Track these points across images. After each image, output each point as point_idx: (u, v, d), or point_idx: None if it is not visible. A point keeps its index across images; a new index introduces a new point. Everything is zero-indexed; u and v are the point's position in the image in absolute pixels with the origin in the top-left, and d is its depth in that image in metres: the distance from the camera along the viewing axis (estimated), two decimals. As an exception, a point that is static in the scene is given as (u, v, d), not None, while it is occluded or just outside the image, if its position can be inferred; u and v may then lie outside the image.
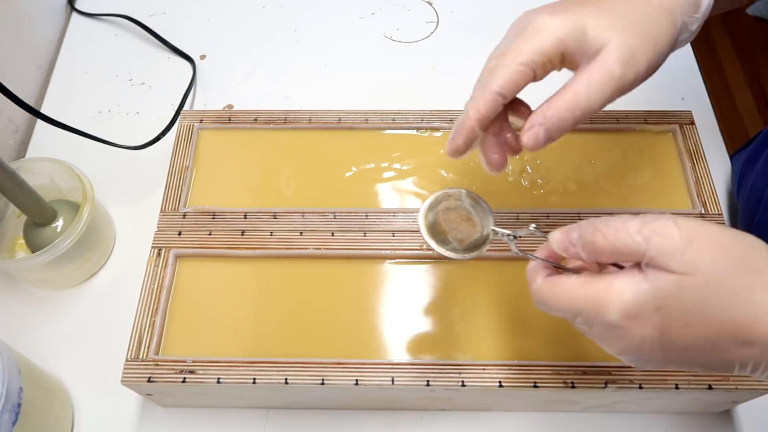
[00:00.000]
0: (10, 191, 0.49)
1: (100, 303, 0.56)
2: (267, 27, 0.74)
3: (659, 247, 0.31)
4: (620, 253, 0.32)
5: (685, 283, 0.30)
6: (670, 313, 0.31)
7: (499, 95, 0.36)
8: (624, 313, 0.31)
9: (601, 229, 0.33)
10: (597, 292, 0.32)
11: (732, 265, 0.30)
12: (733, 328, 0.30)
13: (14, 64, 0.67)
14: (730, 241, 0.31)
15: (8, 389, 0.40)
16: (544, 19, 0.36)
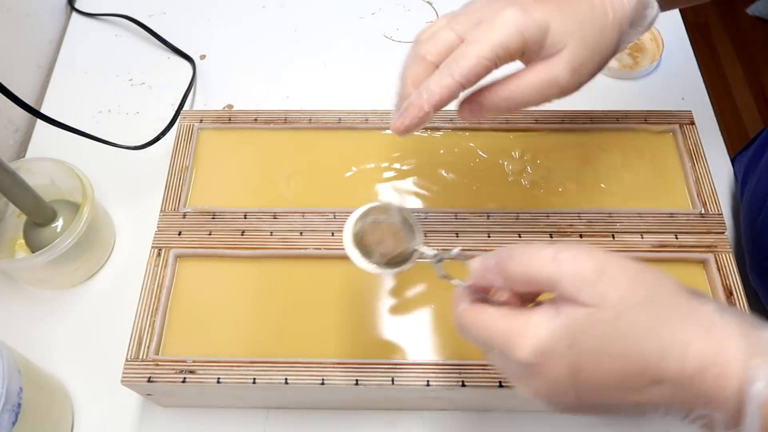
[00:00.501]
0: (10, 191, 0.49)
1: (100, 303, 0.56)
2: (267, 27, 0.74)
3: (571, 277, 0.30)
4: (534, 281, 0.31)
5: (595, 316, 0.30)
6: (582, 349, 0.30)
7: (461, 85, 0.35)
8: (536, 349, 0.30)
9: (516, 255, 0.32)
10: (512, 326, 0.31)
11: (641, 299, 0.30)
12: (642, 366, 0.29)
13: (14, 64, 0.67)
14: (641, 275, 0.31)
15: (8, 389, 0.40)
16: (513, 13, 0.35)
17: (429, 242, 0.49)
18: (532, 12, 0.35)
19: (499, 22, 0.35)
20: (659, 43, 0.70)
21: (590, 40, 0.36)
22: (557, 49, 0.36)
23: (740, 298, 0.46)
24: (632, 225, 0.50)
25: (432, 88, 0.35)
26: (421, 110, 0.35)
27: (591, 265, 0.30)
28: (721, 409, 0.28)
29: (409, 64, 0.37)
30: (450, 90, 0.35)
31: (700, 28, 1.77)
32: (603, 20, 0.37)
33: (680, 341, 0.28)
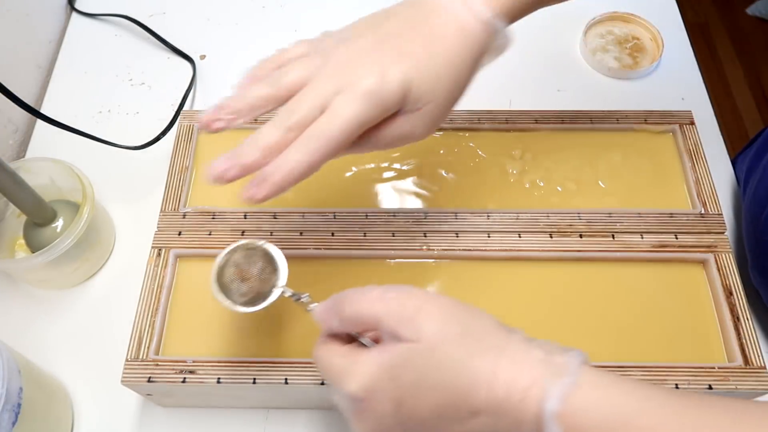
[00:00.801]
0: (10, 191, 0.49)
1: (100, 303, 0.56)
2: (267, 27, 0.74)
3: (391, 314, 0.32)
4: (362, 320, 0.33)
5: (413, 350, 0.31)
6: (403, 383, 0.31)
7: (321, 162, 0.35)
8: (362, 385, 0.32)
9: (347, 297, 0.34)
10: (346, 363, 0.33)
11: (455, 333, 0.31)
12: (459, 397, 0.30)
13: (14, 64, 0.67)
14: (457, 311, 0.32)
15: (8, 389, 0.40)
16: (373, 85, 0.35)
17: (429, 242, 0.49)
18: (392, 75, 0.35)
19: (362, 96, 0.34)
20: (659, 43, 0.70)
21: (448, 93, 0.37)
22: (417, 107, 0.36)
23: (740, 298, 0.46)
24: (632, 225, 0.50)
25: (291, 162, 0.34)
26: (280, 188, 0.35)
27: (410, 302, 0.32)
28: None
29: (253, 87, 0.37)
30: (310, 166, 0.35)
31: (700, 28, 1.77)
32: (459, 69, 0.37)
33: (489, 371, 0.30)
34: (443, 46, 0.36)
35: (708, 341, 0.46)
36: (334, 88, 0.35)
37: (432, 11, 0.37)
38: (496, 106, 0.57)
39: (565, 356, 0.31)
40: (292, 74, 0.37)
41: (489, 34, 0.37)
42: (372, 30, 0.37)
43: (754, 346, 0.44)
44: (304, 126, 0.35)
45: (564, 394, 0.29)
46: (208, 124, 0.36)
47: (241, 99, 0.36)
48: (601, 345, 0.46)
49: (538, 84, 0.68)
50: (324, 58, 0.37)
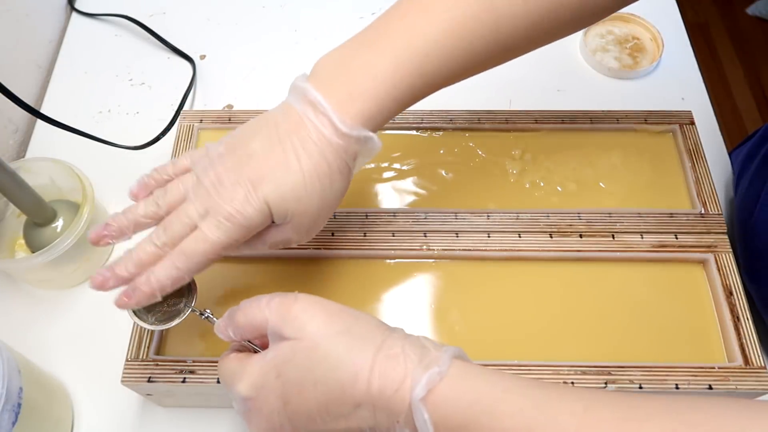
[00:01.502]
0: (10, 191, 0.49)
1: (100, 303, 0.56)
2: (267, 27, 0.74)
3: (276, 315, 0.34)
4: (253, 326, 0.35)
5: (297, 347, 0.33)
6: (288, 379, 0.33)
7: (187, 277, 0.38)
8: (250, 384, 0.34)
9: (241, 306, 0.36)
10: (238, 366, 0.35)
11: (337, 331, 0.33)
12: (341, 391, 0.32)
13: (14, 64, 0.67)
14: (340, 312, 0.35)
15: (8, 389, 0.40)
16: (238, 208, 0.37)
17: (429, 242, 0.49)
18: (252, 199, 0.37)
19: (225, 220, 0.37)
20: (659, 43, 0.70)
21: (316, 205, 0.38)
22: (285, 221, 0.38)
23: (740, 298, 0.46)
24: (632, 225, 0.50)
25: (161, 276, 0.37)
26: (149, 296, 0.37)
27: (294, 305, 0.34)
28: (409, 424, 0.31)
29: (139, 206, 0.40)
30: (177, 281, 0.37)
31: (700, 28, 1.77)
32: (324, 182, 0.38)
33: (367, 367, 0.32)
34: (305, 162, 0.37)
35: (708, 341, 0.46)
36: (201, 210, 0.38)
37: (296, 126, 0.38)
38: (496, 106, 0.57)
39: (439, 351, 0.33)
40: (171, 194, 0.39)
41: (353, 142, 0.38)
42: (239, 148, 0.39)
43: (754, 346, 0.44)
44: (175, 243, 0.38)
45: (431, 383, 0.31)
46: (96, 241, 0.39)
47: (127, 218, 0.40)
48: (600, 345, 0.46)
49: (538, 84, 0.68)
50: (198, 178, 0.39)
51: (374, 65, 0.38)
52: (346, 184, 0.40)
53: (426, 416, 0.31)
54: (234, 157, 0.38)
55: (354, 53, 0.39)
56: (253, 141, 0.39)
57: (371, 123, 0.38)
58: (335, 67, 0.39)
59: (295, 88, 0.39)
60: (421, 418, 0.31)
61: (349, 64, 0.38)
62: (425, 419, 0.31)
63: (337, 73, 0.38)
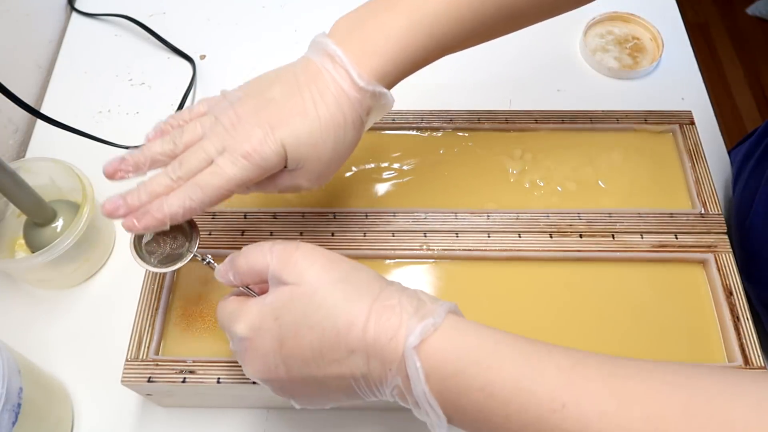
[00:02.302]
0: (10, 191, 0.49)
1: (100, 303, 0.56)
2: (267, 27, 0.74)
3: (277, 261, 0.35)
4: (254, 271, 0.36)
5: (295, 292, 0.34)
6: (285, 322, 0.34)
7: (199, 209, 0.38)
8: (248, 325, 0.35)
9: (242, 252, 0.37)
10: (236, 308, 0.36)
11: (335, 278, 0.34)
12: (336, 336, 0.33)
13: (14, 64, 0.67)
14: (339, 261, 0.36)
15: (8, 389, 0.40)
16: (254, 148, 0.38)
17: (429, 242, 0.49)
18: (269, 140, 0.38)
19: (242, 158, 0.38)
20: (659, 43, 0.70)
21: (329, 154, 0.40)
22: (298, 167, 0.40)
23: (740, 298, 0.46)
24: (632, 225, 0.50)
25: (173, 204, 0.38)
26: (159, 222, 0.38)
27: (295, 252, 0.35)
28: (401, 373, 0.32)
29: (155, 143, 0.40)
30: (189, 211, 0.38)
31: (700, 28, 1.77)
32: (338, 132, 0.39)
33: (364, 314, 0.33)
34: (322, 111, 0.39)
35: (708, 341, 0.46)
36: (218, 147, 0.39)
37: (315, 76, 0.39)
38: (496, 106, 0.57)
39: (434, 304, 0.34)
40: (188, 134, 0.40)
41: (368, 97, 0.40)
42: (259, 94, 0.40)
43: (754, 346, 0.44)
44: (190, 178, 0.39)
45: (424, 332, 0.32)
46: (112, 174, 0.40)
47: (143, 154, 0.40)
48: (601, 345, 0.46)
49: (538, 84, 0.68)
50: (216, 118, 0.40)
51: (389, 25, 0.40)
52: (358, 138, 0.42)
53: (418, 364, 0.31)
54: (253, 101, 0.40)
55: (371, 14, 0.41)
56: (273, 88, 0.40)
57: (385, 80, 0.40)
58: (353, 25, 0.41)
59: (315, 43, 0.41)
60: (413, 366, 0.31)
61: (366, 24, 0.40)
62: (417, 367, 0.31)
63: (354, 31, 0.40)
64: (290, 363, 0.34)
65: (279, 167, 0.39)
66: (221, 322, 0.38)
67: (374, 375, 0.33)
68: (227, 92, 0.41)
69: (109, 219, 0.59)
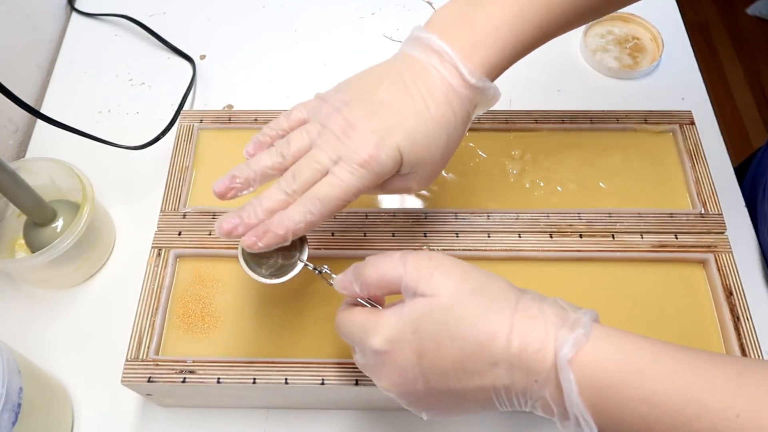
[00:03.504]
0: (10, 191, 0.49)
1: (100, 303, 0.56)
2: (267, 27, 0.74)
3: (411, 273, 0.34)
4: (384, 282, 0.35)
5: (434, 304, 0.33)
6: (424, 335, 0.33)
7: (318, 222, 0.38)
8: (386, 338, 0.34)
9: (369, 263, 0.36)
10: (369, 320, 0.35)
11: (471, 289, 0.34)
12: (478, 348, 0.32)
13: (14, 64, 0.67)
14: (472, 271, 0.35)
15: (8, 389, 0.40)
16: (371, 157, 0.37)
17: (429, 242, 0.49)
18: (385, 147, 0.37)
19: (359, 166, 0.37)
20: (659, 43, 0.70)
21: (440, 155, 0.39)
22: (409, 171, 0.39)
23: (740, 298, 0.46)
24: (632, 225, 0.50)
25: (294, 219, 0.37)
26: (282, 238, 0.37)
27: (429, 263, 0.34)
28: (548, 385, 0.31)
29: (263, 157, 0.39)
30: (310, 225, 0.37)
31: (700, 28, 1.77)
32: (450, 131, 0.39)
33: (506, 324, 0.32)
34: (433, 110, 0.38)
35: (708, 341, 0.46)
36: (333, 157, 0.37)
37: (421, 74, 0.38)
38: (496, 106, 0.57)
39: (578, 312, 0.33)
40: (295, 144, 0.39)
41: (477, 92, 0.39)
42: (365, 96, 0.39)
43: (754, 346, 0.44)
44: (305, 190, 0.38)
45: (577, 343, 0.31)
46: (224, 194, 0.39)
47: (252, 169, 0.39)
48: (601, 345, 0.46)
49: (538, 84, 0.68)
50: (322, 125, 0.39)
51: (496, 16, 0.39)
52: (464, 133, 0.41)
53: (571, 377, 0.30)
54: (361, 104, 0.38)
55: (474, 4, 0.40)
56: (379, 89, 0.39)
57: (493, 72, 0.39)
58: (456, 17, 0.39)
59: (414, 38, 0.40)
60: (567, 378, 0.30)
61: (471, 15, 0.39)
62: (571, 379, 0.30)
63: (459, 24, 0.39)
64: (429, 376, 0.33)
65: (394, 171, 0.38)
66: (350, 334, 0.36)
67: (517, 386, 0.32)
68: (327, 95, 0.40)
69: (108, 218, 0.59)
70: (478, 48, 0.38)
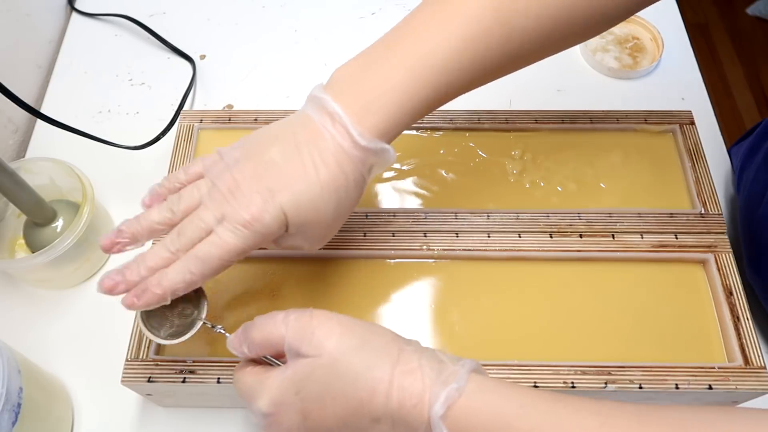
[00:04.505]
0: (10, 191, 0.49)
1: (100, 303, 0.56)
2: (267, 27, 0.74)
3: (293, 333, 0.34)
4: (269, 343, 0.35)
5: (315, 364, 0.34)
6: (307, 395, 0.34)
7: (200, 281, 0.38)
8: (270, 400, 0.34)
9: (257, 323, 0.36)
10: (256, 381, 0.35)
11: (354, 346, 0.34)
12: (359, 405, 0.33)
13: (14, 64, 0.67)
14: (354, 326, 0.35)
15: (8, 389, 0.40)
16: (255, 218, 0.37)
17: (429, 242, 0.49)
18: (269, 209, 0.37)
19: (242, 227, 0.36)
20: (659, 43, 0.70)
21: (330, 216, 0.39)
22: (297, 232, 0.39)
23: (740, 298, 0.46)
24: (632, 225, 0.50)
25: (173, 279, 0.37)
26: (160, 297, 0.37)
27: (310, 321, 0.35)
28: None
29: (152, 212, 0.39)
30: (190, 284, 0.37)
31: (700, 28, 1.77)
32: (340, 193, 0.38)
33: (386, 381, 0.33)
34: (323, 174, 0.37)
35: (708, 341, 0.46)
36: (218, 215, 0.37)
37: (314, 136, 0.38)
38: (496, 106, 0.57)
39: (456, 365, 0.34)
40: (185, 200, 0.39)
41: (370, 154, 0.38)
42: (257, 156, 0.38)
43: (754, 346, 0.44)
44: (189, 248, 0.37)
45: (449, 399, 0.32)
46: (109, 248, 0.39)
47: (140, 224, 0.39)
48: (600, 345, 0.46)
49: (538, 84, 0.68)
50: (213, 182, 0.38)
51: (389, 79, 0.38)
52: (360, 195, 0.40)
53: (445, 431, 0.31)
54: (251, 164, 0.38)
55: (370, 65, 0.39)
56: (271, 149, 0.38)
57: (387, 135, 0.39)
58: (351, 78, 0.39)
59: (312, 98, 0.39)
60: (439, 430, 0.31)
61: (365, 77, 0.39)
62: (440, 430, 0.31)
63: (353, 85, 0.39)
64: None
65: (280, 233, 0.38)
66: (241, 395, 0.37)
67: None
68: (223, 151, 0.40)
69: (108, 218, 0.59)
70: (370, 111, 0.38)
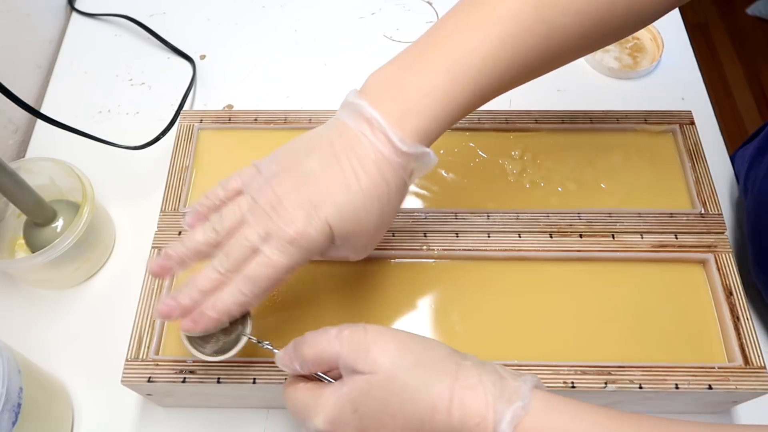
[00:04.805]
0: (10, 191, 0.49)
1: (100, 303, 0.56)
2: (267, 27, 0.74)
3: (348, 350, 0.34)
4: (322, 360, 0.35)
5: (372, 381, 0.33)
6: (365, 413, 0.33)
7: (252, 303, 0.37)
8: (326, 419, 0.34)
9: (307, 340, 0.36)
10: (311, 398, 0.35)
11: (410, 363, 0.33)
12: (419, 422, 0.32)
13: (14, 64, 0.67)
14: (410, 343, 0.34)
15: (8, 389, 0.40)
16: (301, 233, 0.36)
17: (429, 242, 0.49)
18: (314, 223, 0.36)
19: (289, 244, 0.36)
20: (659, 43, 0.70)
21: (374, 225, 0.38)
22: (342, 243, 0.38)
23: (740, 298, 0.46)
24: (632, 225, 0.50)
25: (227, 301, 0.37)
26: (217, 321, 0.37)
27: (365, 337, 0.34)
28: None
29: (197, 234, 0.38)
30: (244, 305, 0.37)
31: (700, 28, 1.77)
32: (382, 201, 0.37)
33: (446, 397, 0.32)
34: (364, 182, 0.37)
35: (708, 341, 0.46)
36: (262, 233, 0.37)
37: (352, 143, 0.37)
38: (496, 106, 0.57)
39: (518, 381, 0.33)
40: (227, 219, 0.38)
41: (411, 159, 0.37)
42: (295, 167, 0.38)
43: (754, 346, 0.44)
44: (238, 269, 0.37)
45: (515, 417, 0.31)
46: (159, 274, 0.39)
47: (186, 247, 0.38)
48: (601, 345, 0.46)
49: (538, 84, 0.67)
50: (253, 198, 0.38)
51: (428, 82, 0.37)
52: (401, 201, 0.40)
53: None
54: (290, 176, 0.37)
55: (406, 68, 0.39)
56: (309, 159, 0.38)
57: (427, 139, 0.38)
58: (388, 83, 0.38)
59: (347, 104, 0.39)
60: None
61: (403, 80, 0.38)
62: None
63: (390, 90, 0.38)
64: None
65: (326, 245, 0.38)
66: (294, 412, 0.36)
67: None
68: (260, 164, 0.39)
69: (108, 218, 0.59)
70: (410, 114, 0.37)
